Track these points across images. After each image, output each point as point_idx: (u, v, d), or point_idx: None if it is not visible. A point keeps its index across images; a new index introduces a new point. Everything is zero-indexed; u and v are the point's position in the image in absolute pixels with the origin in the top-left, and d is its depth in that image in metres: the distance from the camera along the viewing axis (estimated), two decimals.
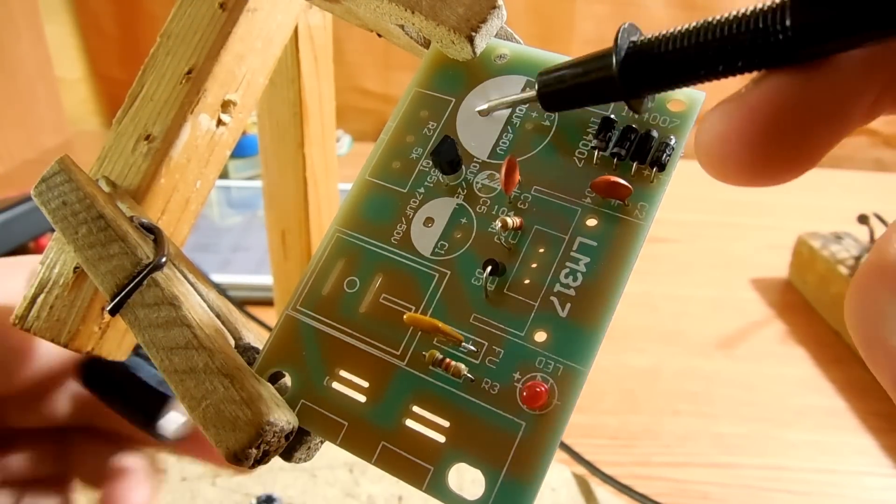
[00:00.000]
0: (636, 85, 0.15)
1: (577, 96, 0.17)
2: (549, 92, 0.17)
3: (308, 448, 0.17)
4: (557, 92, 0.17)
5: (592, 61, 0.16)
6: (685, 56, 0.14)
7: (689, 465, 0.42)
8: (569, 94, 0.17)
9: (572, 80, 0.16)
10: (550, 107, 0.17)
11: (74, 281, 0.21)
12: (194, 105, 0.23)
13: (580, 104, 0.17)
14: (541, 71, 0.17)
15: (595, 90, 0.16)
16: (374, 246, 0.19)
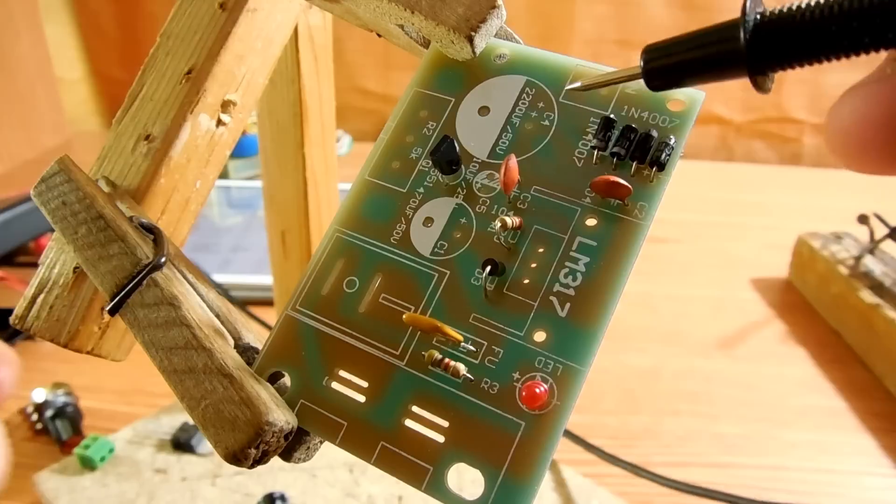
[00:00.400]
0: (765, 59, 0.13)
1: (689, 72, 0.15)
2: (656, 67, 0.15)
3: (307, 448, 0.17)
4: (667, 67, 0.15)
5: (713, 33, 0.14)
6: (825, 28, 0.12)
7: (689, 465, 0.42)
8: (680, 68, 0.15)
9: (686, 54, 0.15)
10: (656, 84, 0.16)
11: (74, 281, 0.21)
12: (194, 105, 0.23)
13: (693, 81, 0.16)
14: (647, 46, 0.15)
15: (714, 65, 0.14)
16: (374, 246, 0.19)
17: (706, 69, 0.15)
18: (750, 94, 0.92)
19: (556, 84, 0.19)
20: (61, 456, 0.40)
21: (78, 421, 0.43)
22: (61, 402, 0.43)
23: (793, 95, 0.92)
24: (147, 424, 0.42)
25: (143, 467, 0.38)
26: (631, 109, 0.18)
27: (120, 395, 0.46)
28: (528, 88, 0.19)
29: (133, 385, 0.47)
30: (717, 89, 0.91)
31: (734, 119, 0.94)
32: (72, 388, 0.44)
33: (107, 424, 0.42)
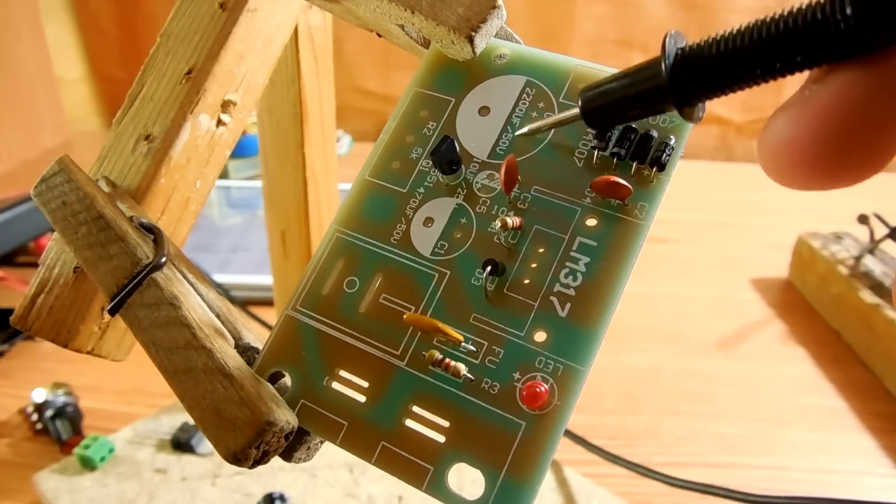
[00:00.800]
0: (688, 92, 0.14)
1: (624, 110, 0.16)
2: (594, 108, 0.16)
3: (308, 448, 0.17)
4: (603, 107, 0.16)
5: (639, 72, 0.15)
6: (739, 57, 0.13)
7: (689, 465, 0.42)
8: (615, 107, 0.16)
9: (618, 92, 0.15)
10: (596, 124, 0.17)
11: (74, 281, 0.21)
12: (194, 105, 0.23)
13: (628, 118, 0.17)
14: (583, 87, 0.16)
15: (644, 101, 0.15)
16: (374, 246, 0.19)
17: (638, 106, 0.15)
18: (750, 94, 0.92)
19: (557, 84, 0.19)
20: (61, 456, 0.40)
21: (78, 421, 0.43)
22: (61, 402, 0.43)
23: None
24: (147, 424, 0.42)
25: (143, 467, 0.38)
26: None
27: (120, 395, 0.46)
28: (528, 88, 0.19)
29: (133, 385, 0.47)
30: None
31: (734, 119, 0.94)
32: (72, 388, 0.44)
33: (107, 424, 0.42)
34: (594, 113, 0.16)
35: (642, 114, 0.16)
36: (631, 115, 0.16)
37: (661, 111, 0.16)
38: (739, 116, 0.94)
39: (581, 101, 0.16)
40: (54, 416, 0.42)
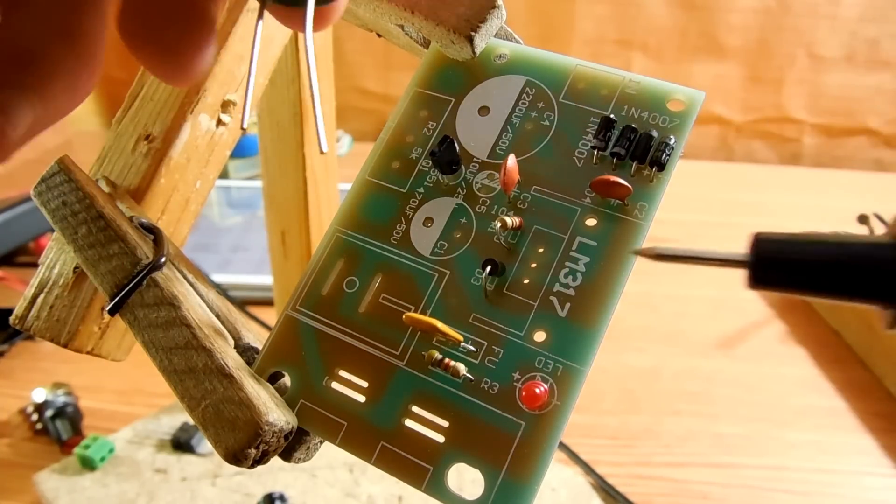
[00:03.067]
0: None
1: (811, 282, 0.13)
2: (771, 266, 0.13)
3: (307, 448, 0.17)
4: (785, 268, 0.13)
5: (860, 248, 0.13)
6: None
7: (689, 465, 0.42)
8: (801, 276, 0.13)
9: (814, 263, 0.13)
10: (765, 281, 0.13)
11: (74, 281, 0.21)
12: (194, 105, 0.23)
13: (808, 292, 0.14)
14: (762, 234, 0.14)
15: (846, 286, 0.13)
16: (374, 246, 0.19)
17: (834, 285, 0.13)
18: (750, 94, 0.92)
19: (557, 84, 0.19)
20: (61, 456, 0.40)
21: (78, 421, 0.42)
22: (61, 402, 0.43)
23: (793, 95, 0.92)
24: (147, 424, 0.42)
25: (143, 467, 0.38)
26: (631, 109, 0.18)
27: (120, 395, 0.46)
28: (528, 88, 0.19)
29: (133, 385, 0.47)
30: (716, 89, 0.91)
31: (734, 119, 0.94)
32: (72, 388, 0.44)
33: (107, 424, 0.42)
34: (768, 272, 0.13)
35: (827, 297, 0.13)
36: (811, 293, 0.13)
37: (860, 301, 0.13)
38: (739, 116, 0.94)
39: (755, 253, 0.13)
40: (54, 416, 0.42)
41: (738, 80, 0.91)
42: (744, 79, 0.91)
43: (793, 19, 0.87)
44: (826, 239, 0.13)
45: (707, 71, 0.90)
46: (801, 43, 0.88)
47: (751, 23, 0.88)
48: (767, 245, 0.13)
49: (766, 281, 0.13)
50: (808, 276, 0.13)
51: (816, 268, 0.13)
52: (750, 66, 0.90)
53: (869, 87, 0.90)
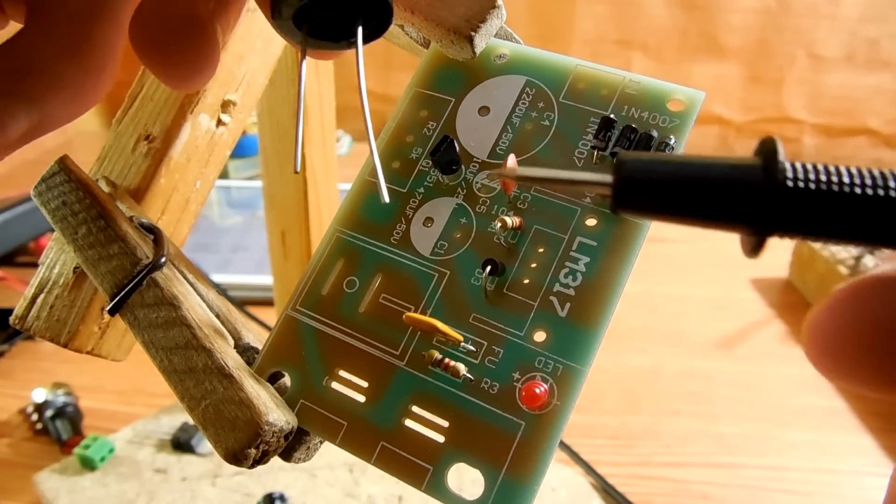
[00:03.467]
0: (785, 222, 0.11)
1: (676, 204, 0.12)
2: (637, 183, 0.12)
3: (307, 448, 0.17)
4: (650, 190, 0.12)
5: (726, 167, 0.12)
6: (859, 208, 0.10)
7: (689, 465, 0.42)
8: (666, 197, 0.12)
9: (679, 184, 0.12)
10: (628, 204, 0.12)
11: (74, 281, 0.21)
12: (194, 105, 0.23)
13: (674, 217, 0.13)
14: (624, 154, 0.12)
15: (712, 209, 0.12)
16: (374, 246, 0.19)
17: (702, 207, 0.12)
18: (750, 94, 0.92)
19: (557, 84, 0.19)
20: (61, 456, 0.40)
21: (78, 421, 0.43)
22: (61, 402, 0.43)
23: (793, 95, 0.92)
24: (147, 424, 0.42)
25: (143, 467, 0.38)
26: (631, 109, 0.18)
27: (120, 395, 0.46)
28: (528, 88, 0.19)
29: (133, 385, 0.47)
30: (717, 89, 0.91)
31: (734, 119, 0.94)
32: (72, 388, 0.44)
33: (107, 424, 0.42)
34: (632, 194, 0.12)
35: (693, 222, 0.12)
36: (676, 217, 0.13)
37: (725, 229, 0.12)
38: (739, 116, 0.94)
39: (619, 173, 0.12)
40: (54, 416, 0.42)
41: (738, 80, 0.91)
42: (744, 79, 0.91)
43: (793, 19, 0.87)
44: (692, 160, 0.12)
45: (707, 71, 0.90)
46: (801, 43, 0.88)
47: (751, 23, 0.88)
48: (632, 165, 0.12)
49: (630, 204, 0.12)
50: (673, 198, 0.12)
51: (681, 189, 0.12)
52: (750, 66, 0.90)
53: (869, 87, 0.90)
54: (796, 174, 0.11)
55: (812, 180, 0.11)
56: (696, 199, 0.12)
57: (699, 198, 0.12)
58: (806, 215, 0.11)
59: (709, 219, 0.12)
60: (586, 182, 0.13)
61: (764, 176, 0.11)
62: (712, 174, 0.12)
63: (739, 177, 0.11)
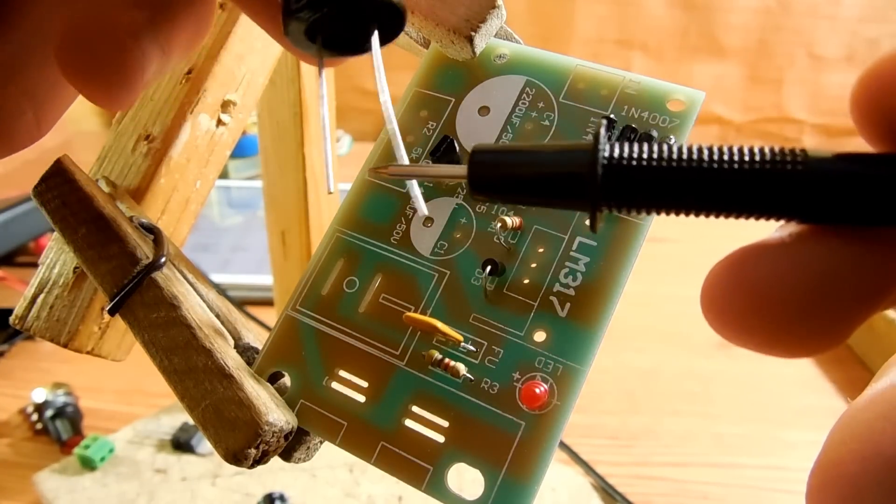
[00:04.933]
0: (613, 196, 0.12)
1: (522, 190, 0.13)
2: (487, 176, 0.13)
3: (307, 448, 0.17)
4: (499, 178, 0.13)
5: (558, 155, 0.13)
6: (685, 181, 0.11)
7: (689, 465, 0.42)
8: (513, 182, 0.13)
9: (524, 168, 0.13)
10: (483, 192, 0.14)
11: (74, 281, 0.21)
12: (194, 105, 0.23)
13: (522, 200, 0.14)
14: (478, 147, 0.14)
15: (551, 189, 0.13)
16: (374, 246, 0.19)
17: (542, 190, 0.13)
18: (750, 94, 0.92)
19: (557, 84, 0.19)
20: (61, 456, 0.40)
21: (78, 421, 0.43)
22: (61, 402, 0.43)
23: (793, 95, 0.92)
24: (147, 424, 0.42)
25: (143, 467, 0.39)
26: (631, 109, 0.18)
27: (120, 395, 0.46)
28: (528, 88, 0.19)
29: (133, 385, 0.47)
30: (717, 89, 0.91)
31: (734, 119, 0.94)
32: (72, 388, 0.44)
33: (107, 424, 0.42)
34: (484, 181, 0.14)
35: (538, 202, 0.14)
36: (524, 199, 0.14)
37: (565, 206, 0.14)
38: (739, 116, 0.94)
39: (472, 163, 0.13)
40: (54, 416, 0.42)
41: (738, 80, 0.91)
42: (744, 79, 0.91)
43: (793, 19, 0.87)
44: (534, 147, 0.14)
45: (707, 71, 0.90)
46: (801, 43, 0.88)
47: (751, 23, 0.88)
48: (482, 156, 0.14)
49: (482, 190, 0.14)
50: (518, 184, 0.13)
51: (523, 176, 0.13)
52: (750, 66, 0.90)
53: None
54: (616, 153, 0.12)
55: (629, 158, 0.12)
56: (536, 184, 0.13)
57: (538, 183, 0.13)
58: (625, 192, 0.12)
59: (550, 199, 0.13)
60: (448, 175, 0.16)
61: (588, 157, 0.12)
62: (549, 160, 0.13)
63: (568, 162, 0.13)
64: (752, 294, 0.11)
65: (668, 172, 0.11)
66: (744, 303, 0.11)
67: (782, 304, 0.10)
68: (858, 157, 0.11)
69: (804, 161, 0.11)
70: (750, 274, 0.11)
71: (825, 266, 0.10)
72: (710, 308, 0.11)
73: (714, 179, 0.11)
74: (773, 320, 0.11)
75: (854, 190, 0.11)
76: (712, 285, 0.12)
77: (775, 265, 0.11)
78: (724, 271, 0.11)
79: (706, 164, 0.11)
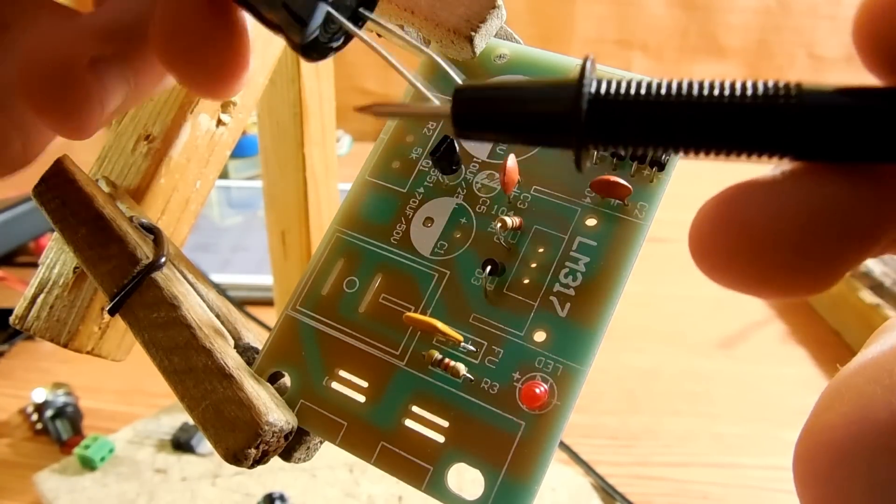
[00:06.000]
0: (598, 132, 0.11)
1: (506, 127, 0.13)
2: (470, 113, 0.13)
3: (307, 448, 0.17)
4: (483, 116, 0.13)
5: (542, 90, 0.12)
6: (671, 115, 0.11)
7: (689, 465, 0.42)
8: (497, 120, 0.13)
9: (507, 106, 0.13)
10: (465, 130, 0.13)
11: (74, 281, 0.21)
12: (194, 105, 0.23)
13: (504, 138, 0.14)
14: (462, 85, 0.13)
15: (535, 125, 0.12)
16: (374, 246, 0.19)
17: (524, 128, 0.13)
18: None
19: None
20: (61, 456, 0.40)
21: (78, 421, 0.43)
22: (61, 402, 0.43)
23: None
24: (147, 424, 0.42)
25: (143, 467, 0.38)
26: None
27: (120, 395, 0.46)
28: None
29: (133, 385, 0.47)
30: None
31: None
32: (72, 388, 0.44)
33: (107, 424, 0.42)
34: (468, 118, 0.13)
35: (523, 139, 0.13)
36: (509, 137, 0.14)
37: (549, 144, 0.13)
38: None
39: (455, 100, 0.13)
40: (54, 416, 0.42)
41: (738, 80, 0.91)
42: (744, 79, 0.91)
43: (793, 19, 0.87)
44: (519, 84, 0.13)
45: (707, 71, 0.90)
46: (801, 43, 0.88)
47: (751, 23, 0.88)
48: (466, 93, 0.13)
49: (466, 127, 0.13)
50: (502, 122, 0.13)
51: (508, 113, 0.13)
52: (750, 66, 0.90)
53: None
54: (601, 89, 0.11)
55: (614, 94, 0.11)
56: (520, 122, 0.13)
57: (522, 120, 0.13)
58: (611, 128, 0.11)
59: (534, 137, 0.13)
60: (430, 114, 0.15)
61: (571, 95, 0.11)
62: (533, 97, 0.12)
63: (552, 98, 0.12)
64: (742, 232, 0.10)
65: (656, 108, 0.11)
66: (733, 241, 0.10)
67: (773, 243, 0.10)
68: (855, 91, 0.10)
69: (798, 95, 0.10)
70: (740, 211, 0.10)
71: (818, 204, 0.10)
72: (698, 247, 0.11)
73: (703, 115, 0.11)
74: (764, 259, 0.10)
75: (850, 124, 0.10)
76: (701, 223, 0.11)
77: (767, 203, 0.10)
78: (713, 209, 0.11)
79: (695, 98, 0.11)
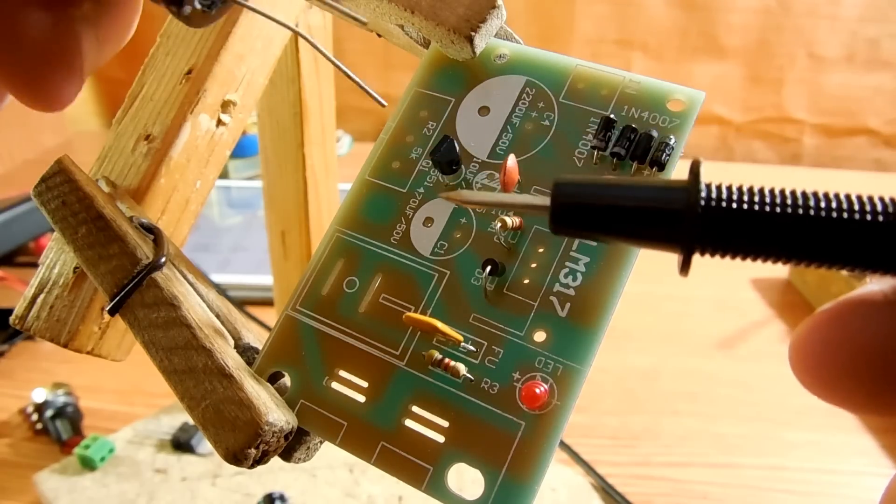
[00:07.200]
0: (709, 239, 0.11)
1: (608, 225, 0.13)
2: (573, 207, 0.13)
3: (307, 448, 0.17)
4: (584, 212, 0.13)
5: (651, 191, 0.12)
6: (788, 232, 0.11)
7: (689, 465, 0.42)
8: (599, 218, 0.13)
9: (612, 204, 0.12)
10: (565, 226, 0.13)
11: (74, 281, 0.21)
12: (194, 105, 0.23)
13: (607, 236, 0.14)
14: (561, 179, 0.13)
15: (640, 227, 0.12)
16: (374, 246, 0.19)
17: (629, 229, 0.12)
18: (750, 94, 0.92)
19: (557, 84, 0.19)
20: (61, 456, 0.40)
21: (78, 421, 0.43)
22: (61, 402, 0.43)
23: (793, 95, 0.92)
24: (147, 424, 0.42)
25: (143, 467, 0.39)
26: (631, 109, 0.18)
27: (120, 395, 0.46)
28: (528, 88, 0.19)
29: (133, 385, 0.47)
30: (717, 89, 0.91)
31: (734, 119, 0.94)
32: (72, 388, 0.44)
33: (107, 424, 0.42)
34: (567, 215, 0.13)
35: (624, 240, 0.13)
36: (608, 237, 0.13)
37: (652, 247, 0.12)
38: (739, 116, 0.94)
39: (555, 197, 0.13)
40: (54, 416, 0.42)
41: (738, 80, 0.91)
42: (744, 79, 0.91)
43: (793, 19, 0.87)
44: (623, 182, 0.13)
45: (707, 71, 0.90)
46: (801, 43, 0.88)
47: (751, 23, 0.88)
48: (566, 189, 0.13)
49: (566, 224, 0.13)
50: (605, 220, 0.13)
51: (612, 211, 0.12)
52: (750, 66, 0.90)
53: (869, 87, 0.90)
54: (716, 195, 0.11)
55: (730, 200, 0.11)
56: (625, 223, 0.12)
57: (628, 221, 0.12)
58: (725, 234, 0.11)
59: (638, 239, 0.13)
60: (527, 205, 0.14)
61: (685, 198, 0.11)
62: (640, 197, 0.12)
63: (664, 199, 0.12)
64: (857, 353, 0.10)
65: (772, 220, 0.11)
66: (843, 362, 0.10)
67: (886, 366, 0.10)
68: None
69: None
70: (851, 331, 0.10)
71: None
72: (803, 363, 0.11)
73: (823, 229, 0.10)
74: (876, 381, 0.10)
75: None
76: (810, 340, 0.11)
77: (879, 323, 0.10)
78: (824, 326, 0.10)
79: (813, 211, 0.11)
